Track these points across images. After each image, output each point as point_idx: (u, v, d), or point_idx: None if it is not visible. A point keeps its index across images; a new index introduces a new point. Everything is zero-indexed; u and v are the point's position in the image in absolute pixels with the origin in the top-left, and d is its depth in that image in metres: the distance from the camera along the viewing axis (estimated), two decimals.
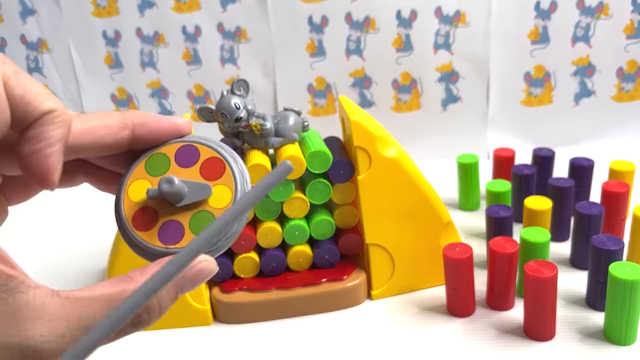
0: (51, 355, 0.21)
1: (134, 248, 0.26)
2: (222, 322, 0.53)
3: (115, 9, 0.85)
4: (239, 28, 0.84)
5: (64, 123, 0.23)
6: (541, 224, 0.56)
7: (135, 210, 0.26)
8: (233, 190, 0.26)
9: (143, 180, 0.27)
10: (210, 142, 0.27)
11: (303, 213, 0.53)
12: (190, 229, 0.26)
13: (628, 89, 0.82)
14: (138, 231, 0.26)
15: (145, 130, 0.26)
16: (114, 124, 0.26)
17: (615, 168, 0.64)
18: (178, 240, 0.25)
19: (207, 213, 0.26)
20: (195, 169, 0.27)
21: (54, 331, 0.21)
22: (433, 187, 0.55)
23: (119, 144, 0.26)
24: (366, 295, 0.55)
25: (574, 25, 0.79)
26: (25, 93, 0.21)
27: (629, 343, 0.47)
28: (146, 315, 0.23)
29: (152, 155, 0.27)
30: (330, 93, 0.85)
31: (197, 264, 0.24)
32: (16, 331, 0.20)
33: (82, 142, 0.25)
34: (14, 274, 0.21)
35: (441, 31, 0.80)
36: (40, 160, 0.22)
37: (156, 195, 0.26)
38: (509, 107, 0.84)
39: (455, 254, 0.49)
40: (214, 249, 0.25)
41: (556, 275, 0.45)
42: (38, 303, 0.21)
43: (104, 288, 0.22)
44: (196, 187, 0.26)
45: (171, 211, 0.26)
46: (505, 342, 0.48)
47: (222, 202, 0.26)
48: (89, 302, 0.22)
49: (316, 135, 0.54)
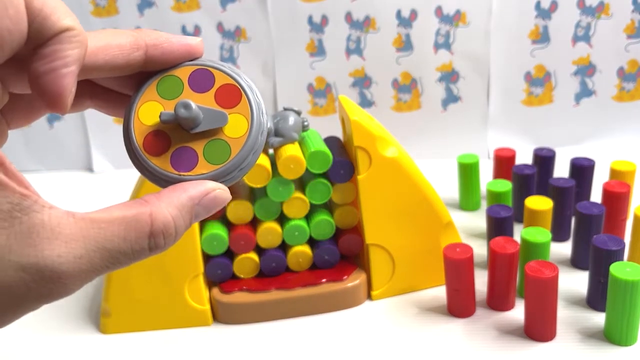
0: (69, 276, 0.20)
1: (145, 173, 0.25)
2: (221, 323, 0.53)
3: (114, 8, 0.85)
4: (238, 28, 0.84)
5: (81, 44, 0.21)
6: (542, 224, 0.56)
7: (147, 134, 0.25)
8: (249, 120, 0.25)
9: (154, 103, 0.26)
10: (226, 68, 0.26)
11: (303, 213, 0.53)
12: (205, 156, 0.25)
13: (629, 89, 0.81)
14: (150, 156, 0.25)
15: (159, 51, 0.25)
16: (127, 45, 0.24)
17: (616, 168, 0.64)
18: (192, 167, 0.25)
19: (222, 142, 0.25)
20: (210, 94, 0.26)
21: (71, 252, 0.20)
22: (433, 187, 0.55)
23: (130, 66, 0.25)
24: (366, 296, 0.55)
25: (575, 25, 0.79)
26: (44, 6, 0.20)
27: (630, 343, 0.47)
28: (162, 239, 0.22)
29: (164, 77, 0.26)
30: (330, 93, 0.85)
31: (212, 191, 0.24)
32: (32, 251, 0.19)
33: (93, 62, 0.23)
34: (27, 193, 0.20)
35: (441, 31, 0.80)
36: (55, 81, 0.21)
37: (171, 120, 0.24)
38: (509, 106, 0.84)
39: (455, 254, 0.49)
40: (227, 179, 0.25)
41: (557, 275, 0.45)
42: (54, 223, 0.20)
43: (121, 210, 0.22)
44: (212, 114, 0.25)
45: (185, 137, 0.25)
46: (506, 343, 0.48)
47: (238, 131, 0.25)
48: (106, 224, 0.21)
49: (316, 135, 0.54)
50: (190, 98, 0.25)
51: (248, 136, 0.25)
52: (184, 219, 0.23)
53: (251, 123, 0.25)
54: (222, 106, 0.25)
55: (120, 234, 0.21)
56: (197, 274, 0.52)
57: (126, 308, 0.52)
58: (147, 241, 0.22)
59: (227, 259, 0.53)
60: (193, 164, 0.25)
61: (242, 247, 0.53)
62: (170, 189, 0.23)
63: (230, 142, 0.25)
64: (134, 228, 0.22)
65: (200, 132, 0.25)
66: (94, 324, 0.54)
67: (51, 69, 0.21)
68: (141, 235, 0.22)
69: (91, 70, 0.24)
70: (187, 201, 0.23)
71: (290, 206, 0.53)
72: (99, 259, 0.21)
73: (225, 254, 0.53)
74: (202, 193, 0.23)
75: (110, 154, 0.89)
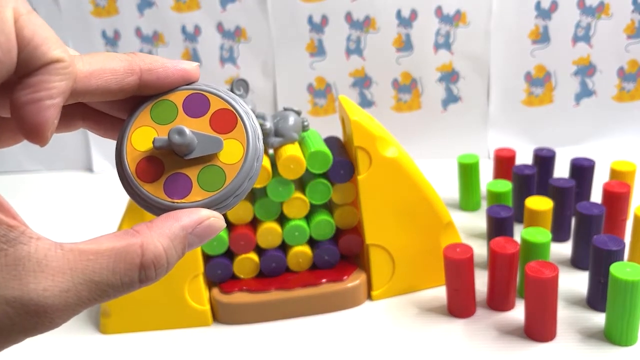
0: (55, 310, 0.20)
1: (137, 200, 0.25)
2: (221, 323, 0.53)
3: (114, 8, 0.85)
4: (238, 27, 0.84)
5: (69, 76, 0.21)
6: (542, 224, 0.56)
7: (139, 160, 0.25)
8: (245, 146, 0.25)
9: (148, 128, 0.25)
10: (222, 92, 0.26)
11: (303, 213, 0.53)
12: (199, 183, 0.24)
13: (629, 89, 0.81)
14: (143, 183, 0.24)
15: (154, 77, 0.25)
16: (121, 69, 0.24)
17: (616, 168, 0.64)
18: (185, 194, 0.24)
19: (217, 168, 0.24)
20: (205, 119, 0.25)
21: (57, 285, 0.20)
22: (433, 187, 0.55)
23: (124, 90, 0.24)
24: (366, 296, 0.55)
25: (575, 25, 0.79)
26: (35, 36, 0.20)
27: (630, 344, 0.47)
28: (153, 271, 0.22)
29: (158, 102, 0.25)
30: (330, 93, 0.85)
31: (206, 219, 0.23)
32: (17, 284, 0.19)
33: (85, 86, 0.23)
34: (14, 224, 0.19)
35: (441, 31, 0.80)
36: (37, 112, 0.20)
37: (164, 146, 0.24)
38: (509, 107, 0.84)
39: (455, 255, 0.49)
40: (222, 206, 0.24)
41: (557, 275, 0.45)
42: (40, 255, 0.20)
43: (110, 241, 0.21)
44: (206, 139, 0.24)
45: (179, 164, 0.24)
46: (506, 343, 0.48)
47: (233, 157, 0.25)
48: (94, 255, 0.21)
49: (316, 135, 0.54)
50: (185, 123, 0.25)
51: (244, 162, 0.24)
52: (176, 249, 0.22)
53: (247, 149, 0.25)
54: (217, 131, 0.25)
55: (109, 266, 0.21)
56: (197, 274, 0.52)
57: (126, 308, 0.52)
58: (137, 273, 0.21)
59: (227, 259, 0.53)
60: (187, 191, 0.24)
61: (242, 248, 0.53)
62: (163, 217, 0.23)
63: (226, 168, 0.24)
64: (123, 260, 0.21)
65: (195, 158, 0.24)
66: (94, 324, 0.54)
67: (34, 100, 0.20)
68: (131, 267, 0.21)
69: (83, 95, 0.23)
70: (180, 231, 0.22)
71: (290, 206, 0.53)
72: (87, 292, 0.20)
73: (225, 254, 0.53)
74: (196, 222, 0.23)
75: (110, 154, 0.89)
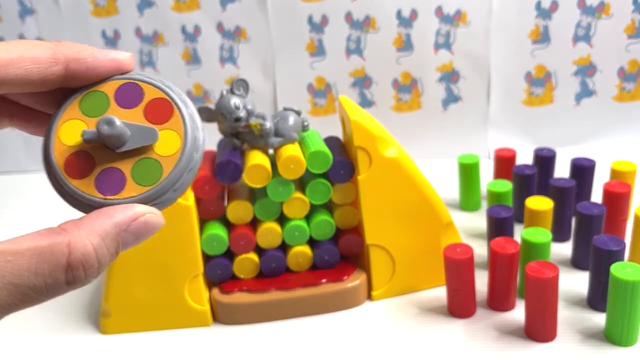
0: None
1: (67, 197, 0.23)
2: (221, 323, 0.53)
3: (114, 8, 0.85)
4: (238, 27, 0.84)
5: None
6: (542, 225, 0.56)
7: (68, 155, 0.23)
8: (182, 137, 0.23)
9: (77, 121, 0.24)
10: (156, 81, 0.25)
11: (303, 213, 0.53)
12: (133, 178, 0.23)
13: (629, 89, 0.81)
14: (71, 179, 0.23)
15: (82, 66, 0.23)
16: (43, 58, 0.22)
17: (617, 168, 0.64)
18: (119, 190, 0.23)
19: (153, 161, 0.23)
20: (138, 110, 0.24)
21: None
22: (433, 187, 0.54)
23: (48, 81, 0.23)
24: (366, 296, 0.55)
25: (575, 25, 0.79)
26: None
27: (631, 344, 0.46)
28: (82, 272, 0.20)
29: (88, 93, 0.24)
30: (330, 93, 0.85)
31: (141, 216, 0.22)
32: None
33: (2, 75, 0.21)
34: None
35: (442, 31, 0.80)
36: None
37: (93, 139, 0.23)
38: (509, 106, 0.84)
39: (455, 255, 0.49)
40: (160, 201, 0.23)
41: (557, 275, 0.45)
42: None
43: (32, 240, 0.20)
44: (140, 130, 0.23)
45: (111, 157, 0.23)
46: (506, 343, 0.48)
47: (170, 149, 0.23)
48: (13, 256, 0.19)
49: (316, 135, 0.54)
50: (117, 114, 0.23)
51: (182, 153, 0.23)
52: (107, 248, 0.21)
53: (185, 139, 0.23)
54: (152, 122, 0.24)
55: (31, 268, 0.19)
56: (197, 274, 0.52)
57: (126, 308, 0.52)
58: (63, 274, 0.20)
59: (227, 259, 0.53)
60: (120, 187, 0.23)
61: (242, 248, 0.53)
62: (93, 214, 0.21)
63: (162, 160, 0.23)
64: (47, 260, 0.20)
65: (128, 151, 0.23)
66: (94, 324, 0.54)
67: None
68: (56, 268, 0.20)
69: (0, 85, 0.22)
70: (112, 228, 0.21)
71: (290, 206, 0.53)
72: (7, 295, 0.19)
73: (225, 254, 0.53)
74: (130, 218, 0.21)
75: None
